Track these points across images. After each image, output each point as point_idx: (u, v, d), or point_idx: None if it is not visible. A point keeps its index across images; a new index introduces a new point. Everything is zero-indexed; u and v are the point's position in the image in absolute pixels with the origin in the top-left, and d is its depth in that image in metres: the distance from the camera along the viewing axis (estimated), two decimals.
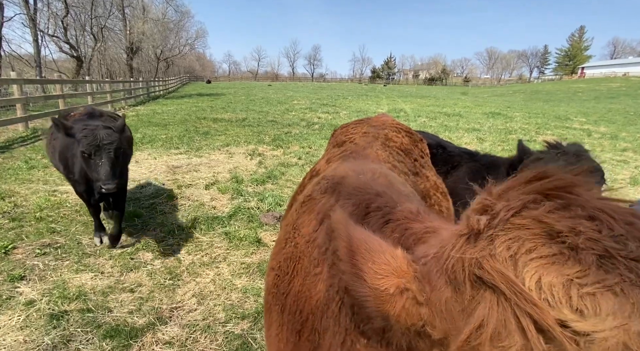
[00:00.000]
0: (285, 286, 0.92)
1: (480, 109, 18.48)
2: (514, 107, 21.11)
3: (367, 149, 1.39)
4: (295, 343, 0.83)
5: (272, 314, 0.96)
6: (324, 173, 1.21)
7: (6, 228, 3.53)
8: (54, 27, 25.43)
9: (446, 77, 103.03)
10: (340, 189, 0.97)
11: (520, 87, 58.15)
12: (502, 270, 0.42)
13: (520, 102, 26.97)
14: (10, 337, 2.15)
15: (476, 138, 9.55)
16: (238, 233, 3.57)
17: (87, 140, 2.53)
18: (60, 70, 25.83)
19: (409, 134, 1.68)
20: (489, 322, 0.41)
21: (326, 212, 0.92)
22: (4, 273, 2.79)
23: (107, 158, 2.56)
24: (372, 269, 0.50)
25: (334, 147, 1.59)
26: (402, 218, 0.76)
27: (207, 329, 2.26)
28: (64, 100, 11.01)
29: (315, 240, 0.89)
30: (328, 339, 0.72)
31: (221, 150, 7.46)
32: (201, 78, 74.82)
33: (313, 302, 0.80)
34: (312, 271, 0.84)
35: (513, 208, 0.46)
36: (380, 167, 1.20)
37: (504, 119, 14.29)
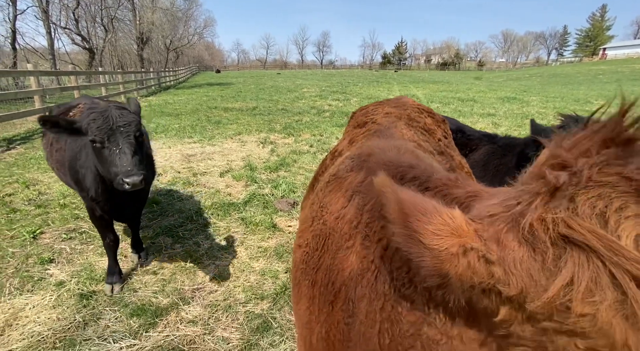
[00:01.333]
0: (316, 262, 0.94)
1: (495, 94, 17.99)
2: (531, 91, 20.46)
3: (392, 128, 1.39)
4: (328, 313, 0.85)
5: (302, 289, 0.98)
6: (348, 153, 1.22)
7: (33, 214, 3.68)
8: (65, 19, 25.69)
9: (459, 62, 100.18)
10: (368, 165, 0.98)
11: (537, 70, 56.09)
12: (596, 230, 0.41)
13: (537, 85, 26.10)
14: (44, 315, 2.27)
15: (491, 124, 9.34)
16: (254, 218, 3.63)
17: (97, 123, 1.91)
18: (74, 62, 26.21)
19: (431, 115, 1.66)
20: (580, 280, 0.41)
21: (355, 189, 0.93)
22: (34, 256, 2.93)
23: (126, 143, 1.93)
24: (429, 230, 0.49)
25: (355, 127, 1.59)
26: (441, 185, 0.76)
27: (228, 309, 2.34)
28: (79, 91, 11.20)
29: (345, 216, 0.90)
30: (364, 306, 0.74)
31: (233, 139, 7.51)
32: (210, 68, 74.79)
33: (346, 274, 0.82)
34: (344, 245, 0.86)
35: (596, 165, 0.44)
36: (406, 143, 1.19)
37: (520, 104, 13.89)
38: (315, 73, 53.59)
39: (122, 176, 1.88)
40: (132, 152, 1.94)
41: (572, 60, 79.57)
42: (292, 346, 2.04)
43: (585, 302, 0.41)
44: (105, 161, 1.97)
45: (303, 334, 0.98)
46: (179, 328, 2.17)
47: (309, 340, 0.96)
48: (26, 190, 4.30)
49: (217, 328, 2.17)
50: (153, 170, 2.76)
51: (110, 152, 1.94)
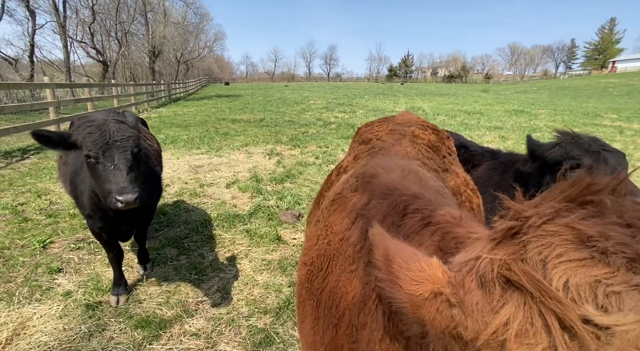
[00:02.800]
0: (320, 282, 0.96)
1: (502, 107, 17.96)
2: (539, 104, 20.38)
3: (396, 146, 1.42)
4: (332, 336, 0.87)
5: (306, 308, 1.00)
6: (352, 171, 1.25)
7: (44, 224, 3.76)
8: (81, 33, 26.63)
9: (466, 75, 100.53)
10: (372, 188, 1.00)
11: (545, 83, 55.98)
12: (529, 271, 0.44)
13: (545, 98, 26.01)
14: (51, 325, 2.30)
15: (498, 137, 9.31)
16: (259, 230, 3.66)
17: (92, 137, 1.82)
18: (88, 74, 27.00)
19: (435, 131, 1.69)
20: (515, 319, 0.44)
21: (358, 212, 0.96)
22: (43, 265, 2.99)
23: (122, 159, 1.83)
24: (408, 276, 0.53)
25: (360, 144, 1.62)
26: (444, 221, 0.78)
27: (231, 322, 2.35)
28: (92, 103, 11.52)
29: (349, 238, 0.92)
30: (366, 335, 0.76)
31: (240, 150, 7.61)
32: (219, 80, 76.26)
33: (349, 298, 0.84)
34: (348, 268, 0.88)
35: (545, 216, 0.48)
36: (410, 163, 1.22)
37: (527, 117, 13.84)
38: (322, 85, 54.26)
39: (115, 194, 1.76)
40: (127, 168, 1.83)
41: (581, 73, 79.22)
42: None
43: (519, 343, 0.43)
44: (99, 177, 1.86)
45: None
46: (182, 341, 2.18)
47: None
48: (38, 200, 4.40)
49: (220, 342, 2.18)
50: (160, 189, 2.74)
51: (104, 167, 1.83)
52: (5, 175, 5.48)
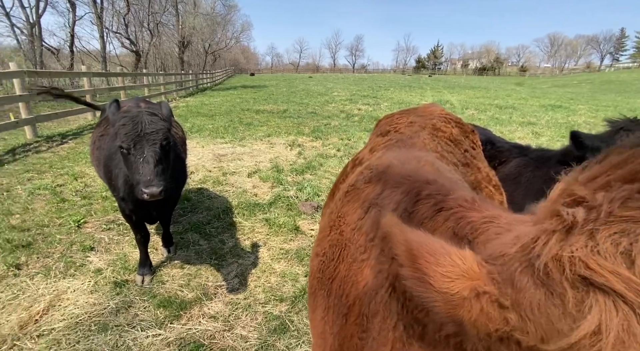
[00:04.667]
0: (331, 272, 0.96)
1: (538, 101, 17.02)
2: (579, 98, 19.15)
3: (414, 138, 1.37)
4: (341, 325, 0.87)
5: (318, 298, 1.00)
6: (367, 163, 1.23)
7: (79, 204, 4.00)
8: (117, 24, 27.70)
9: (499, 67, 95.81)
10: (385, 178, 0.98)
11: (587, 76, 52.34)
12: (619, 270, 0.38)
13: (587, 93, 24.37)
14: (83, 299, 2.46)
15: (531, 133, 8.85)
16: (278, 220, 3.71)
17: (125, 129, 1.93)
18: (122, 64, 28.13)
19: (459, 125, 1.62)
20: (609, 328, 0.37)
21: (372, 201, 0.94)
22: (77, 243, 3.19)
23: (150, 152, 1.92)
24: (439, 272, 0.47)
25: (378, 136, 1.59)
26: (456, 206, 0.74)
27: (248, 308, 2.41)
28: (125, 91, 12.03)
29: (361, 228, 0.91)
30: (377, 323, 0.75)
31: (263, 141, 7.71)
32: (245, 70, 77.16)
33: (360, 287, 0.83)
34: (359, 258, 0.87)
35: (618, 199, 0.41)
36: (427, 155, 1.18)
37: (565, 112, 13.05)
38: (347, 77, 53.62)
39: (142, 186, 1.87)
40: (155, 161, 1.92)
41: (630, 65, 73.24)
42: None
43: None
44: (130, 167, 1.99)
45: (317, 343, 1.00)
46: (201, 323, 2.27)
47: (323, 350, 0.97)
48: (74, 182, 4.69)
49: (237, 326, 2.25)
50: (184, 175, 2.85)
51: (135, 159, 1.94)
52: (47, 158, 5.86)
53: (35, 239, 3.21)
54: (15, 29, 22.08)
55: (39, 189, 4.35)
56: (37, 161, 5.67)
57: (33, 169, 5.22)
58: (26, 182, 4.68)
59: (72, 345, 2.07)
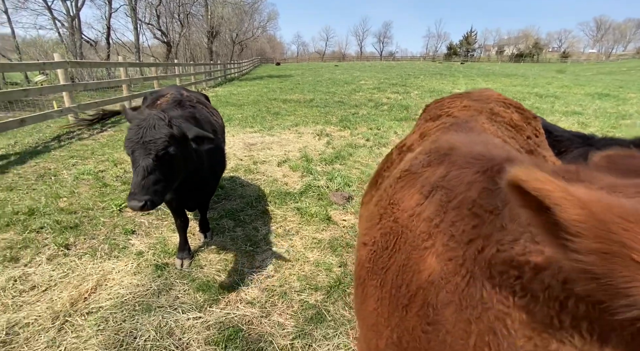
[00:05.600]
0: (385, 261, 0.90)
1: (583, 89, 15.81)
2: (629, 86, 17.59)
3: (470, 122, 1.27)
4: (401, 317, 0.81)
5: (368, 288, 0.95)
6: (421, 148, 1.14)
7: (119, 190, 4.18)
8: (149, 15, 28.48)
9: (538, 53, 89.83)
10: (450, 160, 0.90)
11: (638, 62, 48.02)
12: None
13: (638, 80, 22.37)
14: (127, 280, 2.57)
15: (577, 123, 8.25)
16: (309, 209, 3.69)
17: (129, 133, 1.90)
18: (154, 55, 29.04)
19: (519, 110, 1.49)
20: None
21: (434, 184, 0.87)
22: (120, 226, 3.33)
23: (143, 163, 1.83)
24: None
25: (428, 121, 1.49)
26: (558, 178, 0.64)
27: (283, 295, 2.42)
28: (158, 81, 12.40)
29: (422, 214, 0.84)
30: (451, 314, 0.68)
31: (291, 130, 7.70)
32: (271, 60, 77.36)
33: (424, 276, 0.77)
34: (421, 245, 0.80)
35: None
36: (493, 138, 1.08)
37: (614, 101, 12.04)
38: (374, 65, 52.38)
39: (129, 197, 1.82)
40: (145, 173, 1.83)
41: None
42: (345, 342, 2.04)
43: None
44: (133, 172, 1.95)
45: (368, 336, 0.95)
46: (239, 308, 2.30)
47: (375, 343, 0.92)
48: (114, 168, 4.90)
49: (274, 313, 2.26)
50: (223, 164, 2.91)
51: (133, 166, 1.90)
52: (88, 145, 6.17)
53: (82, 221, 3.39)
54: (57, 22, 23.26)
55: (83, 174, 4.58)
56: (80, 148, 5.99)
57: (77, 155, 5.51)
58: (71, 167, 4.95)
59: (119, 323, 2.16)
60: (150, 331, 2.09)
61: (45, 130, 7.04)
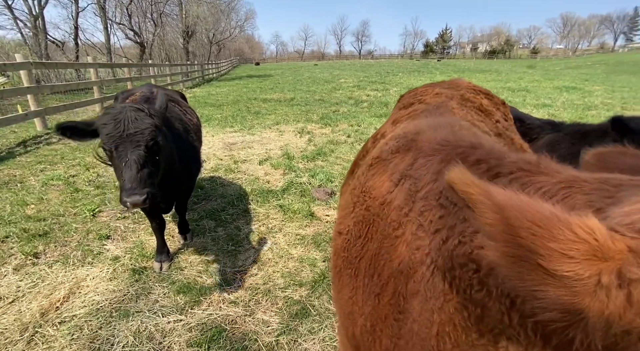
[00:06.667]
0: (358, 250, 0.89)
1: (552, 83, 16.51)
2: (594, 80, 18.52)
3: (441, 108, 1.27)
4: (373, 306, 0.80)
5: (344, 277, 0.94)
6: (391, 134, 1.14)
7: (93, 194, 4.00)
8: (120, 15, 27.48)
9: (510, 49, 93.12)
10: (417, 146, 0.89)
11: (601, 57, 50.63)
12: None
13: (601, 74, 23.56)
14: (102, 286, 2.46)
15: (547, 115, 8.59)
16: (292, 206, 3.66)
17: (107, 128, 1.75)
18: (127, 55, 28.09)
19: (488, 96, 1.52)
20: None
21: (403, 173, 0.86)
22: (94, 232, 3.19)
23: (133, 155, 1.73)
24: (556, 250, 0.35)
25: (401, 109, 1.50)
26: (517, 170, 0.62)
27: (267, 293, 2.38)
28: (131, 82, 11.99)
29: (392, 202, 0.83)
30: (417, 304, 0.68)
31: (272, 129, 7.63)
32: (250, 60, 76.44)
33: (394, 266, 0.76)
34: (392, 234, 0.79)
35: None
36: (459, 121, 1.08)
37: (580, 94, 12.64)
38: (353, 63, 52.73)
39: (124, 194, 1.68)
40: (138, 166, 1.73)
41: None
42: (331, 335, 2.03)
43: None
44: (115, 171, 1.83)
45: (345, 324, 0.94)
46: (222, 308, 2.24)
47: (352, 331, 0.91)
48: (87, 172, 4.69)
49: (258, 311, 2.22)
50: (199, 164, 2.81)
51: (118, 162, 1.77)
52: (58, 150, 5.88)
53: (52, 228, 3.22)
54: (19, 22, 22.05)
55: (52, 180, 4.35)
56: (49, 153, 5.69)
57: (45, 160, 5.23)
58: (39, 173, 4.70)
59: (94, 331, 2.06)
60: (129, 337, 2.00)
61: (9, 136, 6.66)
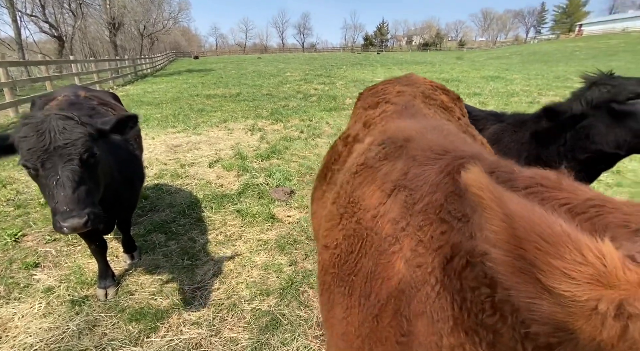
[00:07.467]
0: (351, 267, 0.83)
1: (479, 73, 18.04)
2: (513, 69, 20.62)
3: (410, 108, 1.27)
4: (372, 328, 0.75)
5: (334, 296, 0.88)
6: (371, 138, 1.10)
7: (12, 215, 3.43)
8: (31, 5, 23.95)
9: (440, 42, 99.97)
10: (408, 153, 0.86)
11: (517, 48, 56.59)
12: None
13: (518, 64, 26.36)
14: (35, 325, 2.11)
15: (478, 103, 9.34)
16: (250, 210, 3.50)
17: (28, 142, 1.48)
18: (43, 51, 24.66)
19: (445, 92, 1.55)
20: None
21: (396, 182, 0.82)
22: (18, 261, 2.73)
23: (66, 171, 1.48)
24: (558, 268, 0.34)
25: (367, 109, 1.47)
26: (534, 184, 0.57)
27: (233, 307, 2.24)
28: (51, 82, 10.53)
29: (386, 215, 0.79)
30: (423, 326, 0.64)
31: (219, 127, 7.25)
32: (188, 54, 71.91)
33: (392, 284, 0.72)
34: (388, 250, 0.75)
35: None
36: (441, 122, 1.08)
37: (504, 82, 13.97)
38: (297, 57, 52.37)
39: (59, 218, 1.43)
40: (74, 184, 1.47)
41: (550, 37, 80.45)
42: (305, 343, 1.97)
43: None
44: (43, 191, 1.54)
45: (339, 345, 0.89)
46: (183, 331, 2.06)
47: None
48: (3, 190, 4.01)
49: (224, 329, 2.08)
50: (142, 174, 2.52)
51: (47, 181, 1.48)
52: None
53: None
54: None
55: None
56: None
57: None
58: None
59: None
60: None
61: None
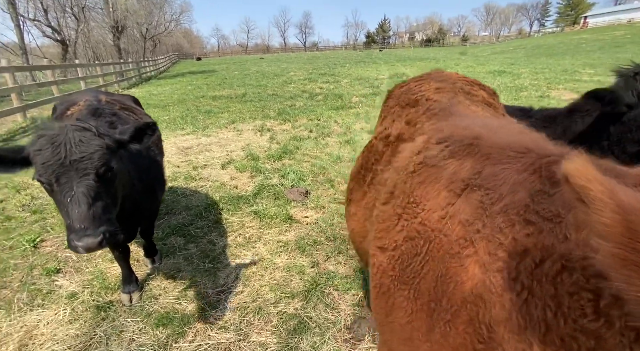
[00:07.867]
0: (417, 270, 0.80)
1: (484, 68, 17.85)
2: (518, 63, 20.38)
3: (457, 105, 1.22)
4: (443, 334, 0.72)
5: (396, 299, 0.85)
6: (424, 136, 1.05)
7: (29, 221, 3.44)
8: (33, 10, 24.14)
9: (443, 37, 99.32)
10: (480, 151, 0.81)
11: (521, 42, 56.02)
12: None
13: (523, 58, 26.07)
14: (62, 331, 2.10)
15: None
16: (267, 211, 3.47)
17: (43, 156, 1.41)
18: (46, 56, 24.83)
19: (482, 87, 1.50)
20: None
21: (468, 182, 0.78)
22: (38, 267, 2.73)
23: (81, 187, 1.42)
24: None
25: (404, 107, 1.41)
26: None
27: (259, 311, 2.22)
28: (57, 86, 10.60)
29: (456, 215, 0.75)
30: (508, 334, 0.60)
31: (228, 128, 7.24)
32: (190, 55, 72.14)
33: (466, 289, 0.68)
34: (461, 253, 0.71)
35: None
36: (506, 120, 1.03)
37: (511, 77, 13.81)
38: (300, 56, 52.30)
39: (74, 236, 1.36)
40: (89, 200, 1.41)
41: (554, 30, 79.52)
42: (336, 347, 1.94)
43: None
44: (58, 206, 1.47)
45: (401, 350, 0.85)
46: (211, 336, 2.04)
47: None
48: (18, 196, 4.02)
49: (252, 333, 2.05)
50: (163, 181, 2.49)
51: (61, 197, 1.41)
52: None
53: None
54: None
55: None
56: None
57: None
58: None
59: None
60: None
61: None
